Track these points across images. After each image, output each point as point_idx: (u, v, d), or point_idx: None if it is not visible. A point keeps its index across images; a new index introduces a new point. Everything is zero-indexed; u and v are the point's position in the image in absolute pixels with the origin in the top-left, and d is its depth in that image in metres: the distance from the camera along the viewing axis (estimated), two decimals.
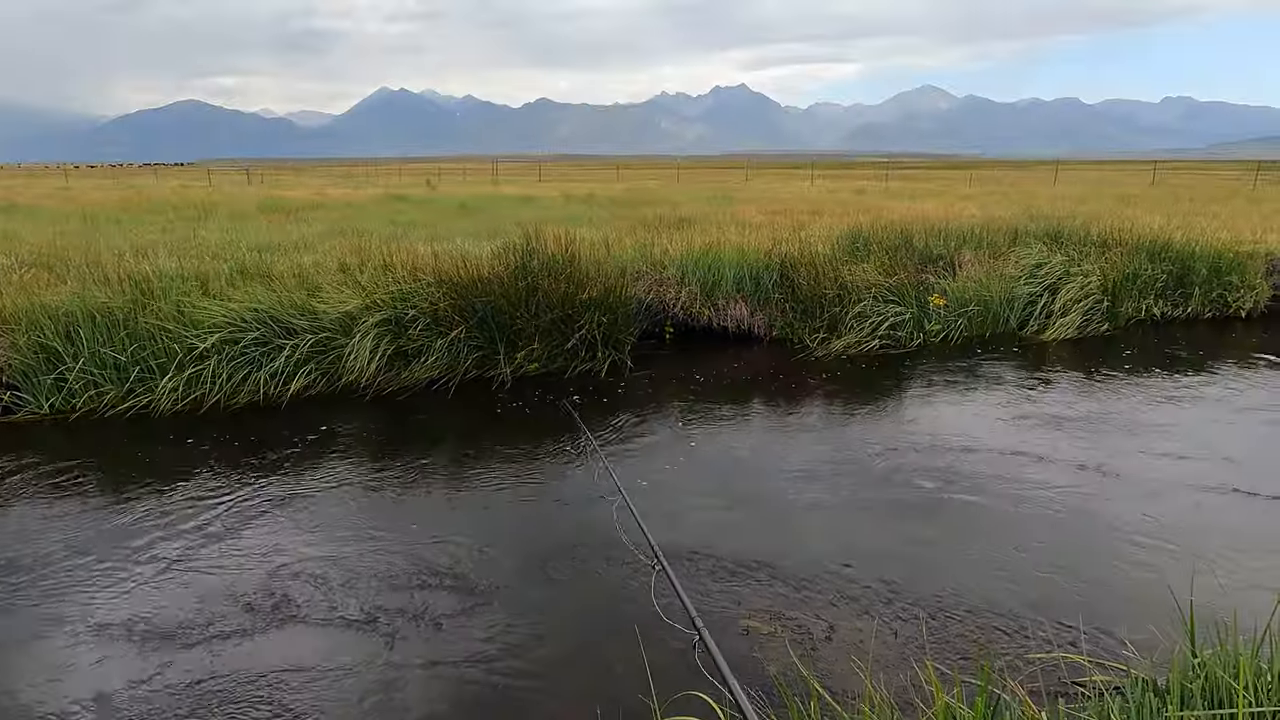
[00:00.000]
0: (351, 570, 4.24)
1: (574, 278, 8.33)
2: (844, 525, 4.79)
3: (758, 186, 31.40)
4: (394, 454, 5.99)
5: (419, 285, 7.89)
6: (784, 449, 6.20)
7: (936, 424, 6.63)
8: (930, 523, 4.81)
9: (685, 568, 4.19)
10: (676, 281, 9.54)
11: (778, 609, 3.81)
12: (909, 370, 8.31)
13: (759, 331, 9.53)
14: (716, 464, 5.86)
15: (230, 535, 4.66)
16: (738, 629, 3.65)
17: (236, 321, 7.29)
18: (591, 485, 5.40)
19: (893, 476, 5.52)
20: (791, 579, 4.08)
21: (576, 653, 3.55)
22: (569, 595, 4.03)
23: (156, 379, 6.94)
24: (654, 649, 3.32)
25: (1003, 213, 15.23)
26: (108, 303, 7.23)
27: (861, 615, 3.74)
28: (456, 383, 7.58)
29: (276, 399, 7.06)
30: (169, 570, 4.26)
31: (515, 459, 5.88)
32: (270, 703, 3.20)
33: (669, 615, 3.24)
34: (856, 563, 4.23)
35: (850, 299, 9.36)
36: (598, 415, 6.89)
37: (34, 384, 6.84)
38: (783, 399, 7.43)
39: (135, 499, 5.17)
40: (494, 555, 4.41)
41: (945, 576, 4.09)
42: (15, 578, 4.19)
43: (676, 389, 7.69)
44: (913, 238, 11.07)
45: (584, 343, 8.15)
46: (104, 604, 3.93)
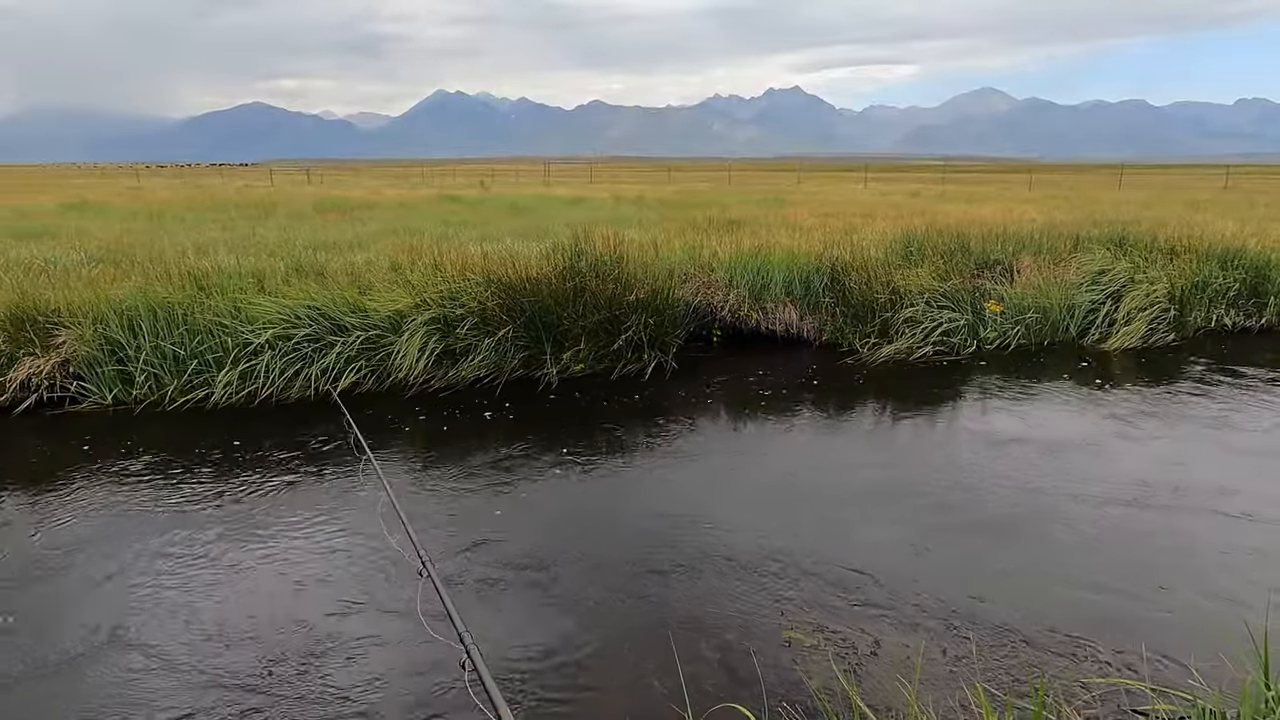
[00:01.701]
0: (383, 566, 4.27)
1: (621, 279, 8.30)
2: (892, 536, 4.66)
3: (809, 189, 31.06)
4: (438, 451, 6.04)
5: (468, 284, 7.95)
6: (832, 456, 6.08)
7: (991, 434, 6.43)
8: (984, 537, 4.65)
9: (728, 571, 4.12)
10: (725, 284, 9.45)
11: (821, 621, 3.72)
12: (962, 378, 8.09)
13: (808, 336, 9.39)
14: (762, 468, 5.77)
15: (273, 525, 4.73)
16: (779, 640, 3.56)
17: (290, 318, 7.43)
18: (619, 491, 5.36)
19: (944, 488, 5.36)
20: (836, 590, 3.97)
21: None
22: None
23: (213, 372, 7.12)
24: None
25: (1064, 217, 14.77)
26: (168, 298, 7.44)
27: (909, 631, 3.62)
28: (503, 382, 7.62)
29: (327, 395, 7.18)
30: (215, 555, 4.34)
31: (555, 460, 5.87)
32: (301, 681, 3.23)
33: (435, 629, 2.77)
34: (904, 576, 4.11)
35: (902, 304, 9.16)
36: (641, 417, 6.85)
37: (98, 375, 7.07)
38: (832, 404, 7.29)
39: (190, 488, 5.29)
40: (524, 550, 4.40)
41: (998, 593, 3.94)
42: (78, 556, 4.31)
43: (723, 392, 7.60)
44: (969, 242, 10.79)
45: (630, 344, 8.12)
46: (158, 584, 4.02)
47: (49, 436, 6.45)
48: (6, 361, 6.95)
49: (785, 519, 4.89)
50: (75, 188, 30.79)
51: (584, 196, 23.98)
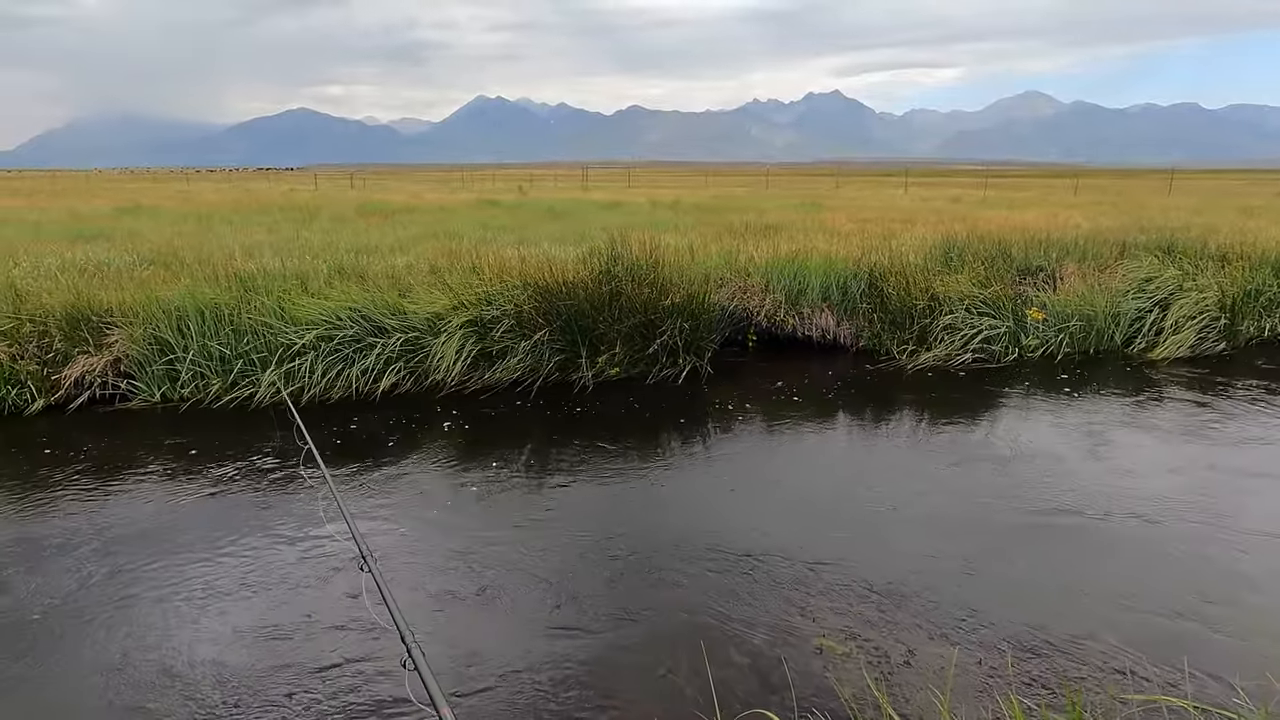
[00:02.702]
0: (420, 562, 4.33)
1: (657, 283, 8.32)
2: (928, 546, 4.60)
3: (847, 194, 30.80)
4: (473, 452, 6.11)
5: (505, 288, 8.03)
6: (868, 463, 6.03)
7: (1032, 444, 6.32)
8: (1022, 549, 4.57)
9: (759, 577, 4.11)
10: (761, 289, 9.42)
11: (854, 629, 3.69)
12: (1003, 386, 7.96)
13: (845, 341, 9.32)
14: (796, 475, 5.75)
15: (316, 521, 4.83)
16: (811, 647, 3.54)
17: (332, 319, 7.58)
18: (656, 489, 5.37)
19: (982, 497, 5.28)
20: (869, 599, 3.94)
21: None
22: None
23: (258, 372, 7.28)
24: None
25: (1110, 223, 14.46)
26: (216, 299, 7.63)
27: (943, 641, 3.58)
28: (538, 385, 7.68)
29: (367, 395, 7.31)
30: (255, 550, 4.45)
31: (589, 464, 5.90)
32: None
33: (380, 629, 2.66)
34: (939, 586, 4.06)
35: (941, 310, 9.04)
36: (675, 421, 6.87)
37: (147, 373, 7.28)
38: (868, 411, 7.23)
39: (234, 484, 5.43)
40: (572, 551, 4.43)
41: (1036, 606, 3.88)
42: (127, 548, 4.45)
43: (758, 397, 7.58)
44: (1010, 248, 10.62)
45: (665, 348, 8.14)
46: (199, 577, 4.13)
47: (101, 432, 6.65)
48: (62, 359, 7.19)
49: (819, 526, 4.86)
50: (128, 191, 31.72)
51: (621, 201, 24.06)
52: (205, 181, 51.21)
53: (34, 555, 4.47)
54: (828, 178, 56.85)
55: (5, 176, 63.87)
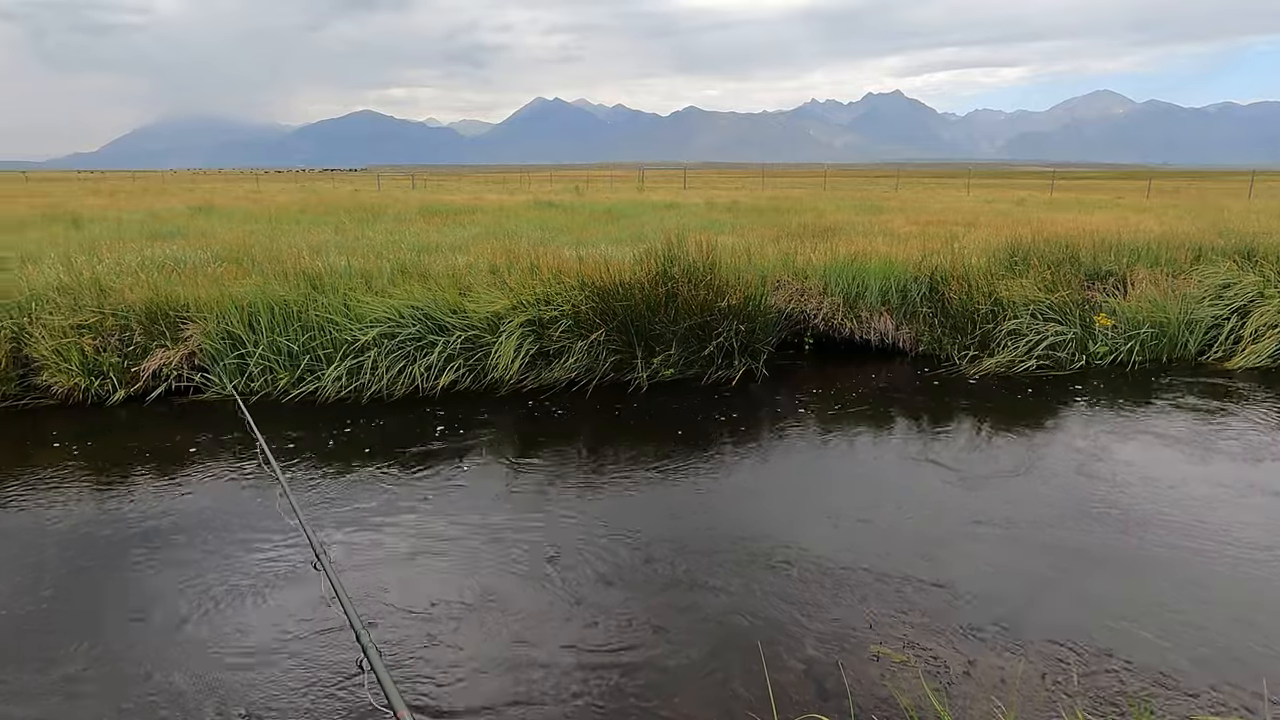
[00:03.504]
0: (478, 558, 4.41)
1: (713, 285, 8.31)
2: (990, 557, 4.51)
3: (907, 196, 30.25)
4: (532, 450, 6.20)
5: (562, 288, 8.12)
6: (926, 470, 5.92)
7: (1100, 455, 6.13)
8: (1089, 563, 4.44)
9: (815, 582, 4.07)
10: (819, 291, 9.33)
11: (911, 637, 3.64)
12: (1069, 394, 7.74)
13: (904, 346, 9.17)
14: (852, 480, 5.68)
15: (377, 515, 4.95)
16: (867, 654, 3.50)
17: (395, 317, 7.76)
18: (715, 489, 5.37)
19: (1047, 510, 5.15)
20: (927, 607, 3.88)
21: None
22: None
23: (324, 368, 7.50)
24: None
25: (1185, 227, 13.91)
26: (285, 296, 7.88)
27: (1004, 653, 3.50)
28: (594, 384, 7.74)
29: (429, 392, 7.47)
30: (302, 543, 4.58)
31: (643, 463, 5.93)
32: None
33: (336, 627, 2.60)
34: (1000, 598, 3.97)
35: (1005, 315, 8.83)
36: (730, 423, 6.85)
37: (220, 367, 7.56)
38: (927, 417, 7.10)
39: (303, 477, 5.60)
40: (620, 546, 4.46)
41: (1104, 622, 3.76)
42: (199, 536, 4.63)
43: (814, 401, 7.51)
44: (1078, 252, 10.32)
45: (721, 350, 8.13)
46: (263, 565, 4.28)
47: (176, 423, 6.94)
48: (141, 352, 7.52)
49: (875, 533, 4.80)
50: (202, 191, 32.92)
51: (677, 202, 24.06)
52: (273, 182, 52.86)
53: (110, 539, 4.69)
54: (887, 179, 55.91)
55: (90, 177, 66.90)
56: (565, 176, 66.00)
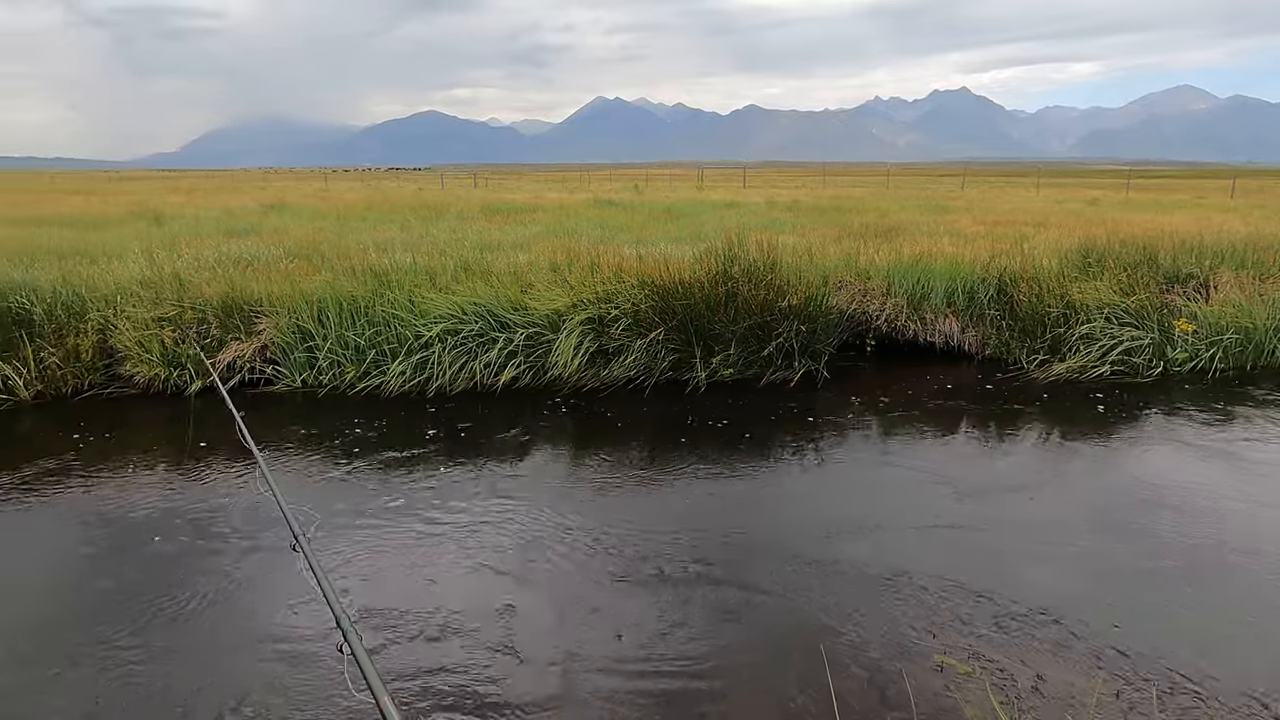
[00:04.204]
0: (529, 553, 4.45)
1: (774, 285, 8.23)
2: (1060, 569, 4.36)
3: (974, 195, 29.49)
4: (590, 447, 6.24)
5: (622, 286, 8.14)
6: (993, 477, 5.77)
7: (1181, 467, 5.88)
8: (1167, 580, 4.25)
9: (877, 588, 4.00)
10: (882, 292, 9.17)
11: (978, 648, 3.54)
12: (1145, 402, 7.44)
13: (970, 349, 8.94)
14: (915, 486, 5.56)
15: (437, 506, 5.04)
16: (931, 664, 3.43)
17: (458, 313, 7.89)
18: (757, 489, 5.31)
19: (1123, 521, 4.95)
20: (994, 618, 3.77)
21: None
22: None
23: (389, 362, 7.67)
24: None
25: (1274, 228, 13.25)
26: (352, 291, 8.08)
27: (1076, 669, 3.39)
28: (653, 383, 7.75)
29: (490, 387, 7.57)
30: (379, 532, 4.69)
31: (702, 463, 5.90)
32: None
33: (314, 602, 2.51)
34: (1073, 612, 3.83)
35: (1077, 319, 8.54)
36: (790, 425, 6.78)
37: (290, 360, 7.79)
38: (994, 422, 6.92)
39: (367, 468, 5.75)
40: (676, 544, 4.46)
41: (1186, 643, 3.59)
42: (269, 527, 4.79)
43: (876, 404, 7.38)
44: (1157, 254, 9.91)
45: (780, 351, 8.05)
46: (326, 556, 4.40)
47: (250, 412, 7.15)
48: (217, 344, 7.80)
49: (939, 540, 4.69)
50: (274, 190, 33.98)
51: (737, 201, 23.91)
52: (341, 180, 54.29)
53: (191, 521, 4.87)
54: (952, 178, 54.63)
55: (170, 176, 69.73)
56: (624, 175, 66.20)
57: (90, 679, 3.39)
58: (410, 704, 3.21)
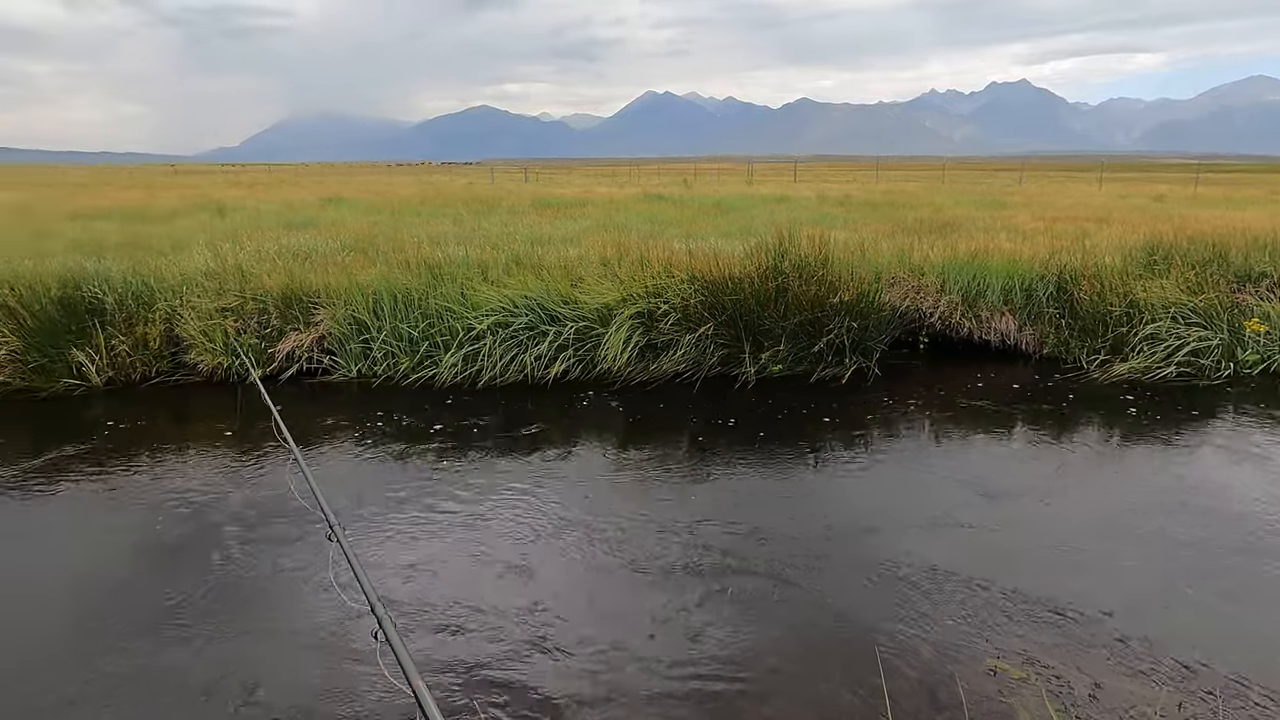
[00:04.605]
0: (573, 546, 4.48)
1: (825, 280, 8.15)
2: (1118, 576, 4.24)
3: (1032, 190, 28.75)
4: (638, 440, 6.26)
5: (672, 281, 8.14)
6: (1049, 479, 5.63)
7: (1253, 472, 5.66)
8: (1233, 594, 4.08)
9: (927, 589, 3.94)
10: (936, 289, 9.01)
11: (1032, 654, 3.47)
12: (1213, 405, 7.18)
13: (1026, 347, 8.73)
14: (969, 487, 5.45)
15: (484, 496, 5.12)
16: (984, 667, 3.37)
17: (509, 307, 7.98)
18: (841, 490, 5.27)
19: (1187, 529, 4.79)
20: (1049, 624, 3.69)
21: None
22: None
23: (441, 354, 7.79)
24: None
25: None
26: (407, 284, 8.23)
27: (1136, 679, 3.29)
28: (701, 378, 7.74)
29: (540, 380, 7.65)
30: (426, 520, 4.78)
31: (750, 460, 5.88)
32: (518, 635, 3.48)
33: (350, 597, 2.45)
34: (1133, 621, 3.72)
35: (1142, 318, 8.27)
36: (840, 422, 6.71)
37: (346, 351, 7.97)
38: (1051, 423, 6.74)
39: (417, 457, 5.86)
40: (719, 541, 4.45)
41: (1253, 658, 3.46)
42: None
43: (928, 402, 7.26)
44: (1228, 251, 9.54)
45: (831, 347, 7.97)
46: (376, 544, 4.50)
47: (307, 403, 7.37)
48: (276, 335, 8.02)
49: (991, 542, 4.60)
50: (330, 184, 34.71)
51: (787, 196, 23.68)
52: (393, 175, 55.22)
53: (252, 505, 5.03)
54: (1009, 172, 53.27)
55: (231, 170, 71.71)
56: (673, 170, 66.09)
57: (139, 652, 3.53)
58: (445, 690, 3.26)
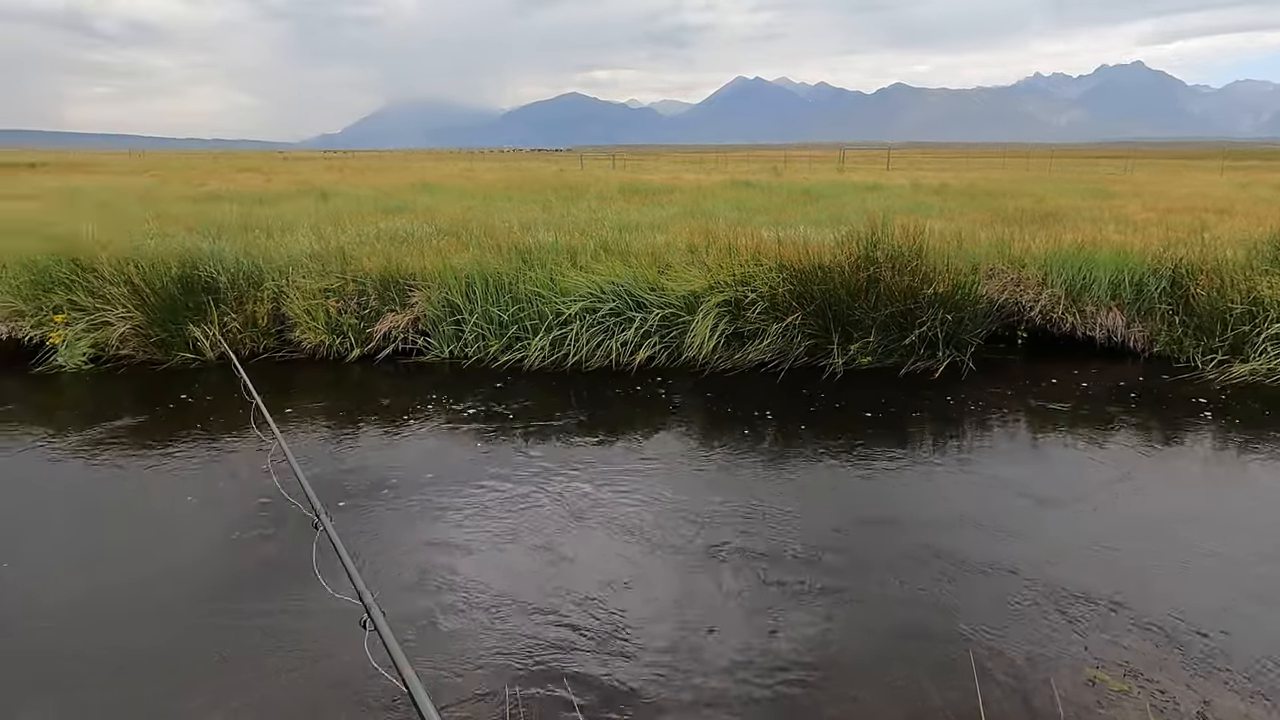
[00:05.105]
0: (652, 535, 4.51)
1: (919, 271, 7.92)
2: (1230, 592, 3.99)
3: (1142, 178, 27.16)
4: (722, 430, 6.26)
5: (760, 269, 8.06)
6: (1159, 487, 5.35)
7: None
8: None
9: (1020, 592, 3.81)
10: (1037, 282, 8.63)
11: (1134, 665, 3.31)
12: None
13: (1135, 345, 8.28)
14: (1069, 490, 5.23)
15: (571, 475, 5.20)
16: (1082, 677, 3.24)
17: (597, 292, 8.06)
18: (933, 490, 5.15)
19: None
20: (1154, 635, 3.51)
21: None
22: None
23: (530, 338, 7.95)
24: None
25: None
26: (498, 268, 8.41)
27: (1252, 699, 3.10)
28: (787, 368, 7.65)
29: (625, 366, 7.71)
30: (512, 497, 4.89)
31: (837, 451, 5.79)
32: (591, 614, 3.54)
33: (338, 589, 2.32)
34: (1246, 639, 3.51)
35: (1267, 317, 7.73)
36: (932, 417, 6.53)
37: (439, 333, 8.21)
38: (1161, 426, 6.39)
39: (507, 436, 6.01)
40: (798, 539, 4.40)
41: None
42: (420, 489, 5.09)
43: (1026, 399, 6.99)
44: None
45: (923, 340, 7.75)
46: (466, 519, 4.63)
47: (402, 381, 7.65)
48: (374, 315, 8.32)
49: (1091, 548, 4.39)
50: (424, 170, 35.71)
51: (880, 183, 23.08)
52: (484, 161, 56.39)
53: (351, 476, 5.26)
54: (1118, 160, 50.45)
55: (332, 156, 74.55)
56: (761, 156, 65.21)
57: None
58: (520, 675, 3.34)
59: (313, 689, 3.28)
